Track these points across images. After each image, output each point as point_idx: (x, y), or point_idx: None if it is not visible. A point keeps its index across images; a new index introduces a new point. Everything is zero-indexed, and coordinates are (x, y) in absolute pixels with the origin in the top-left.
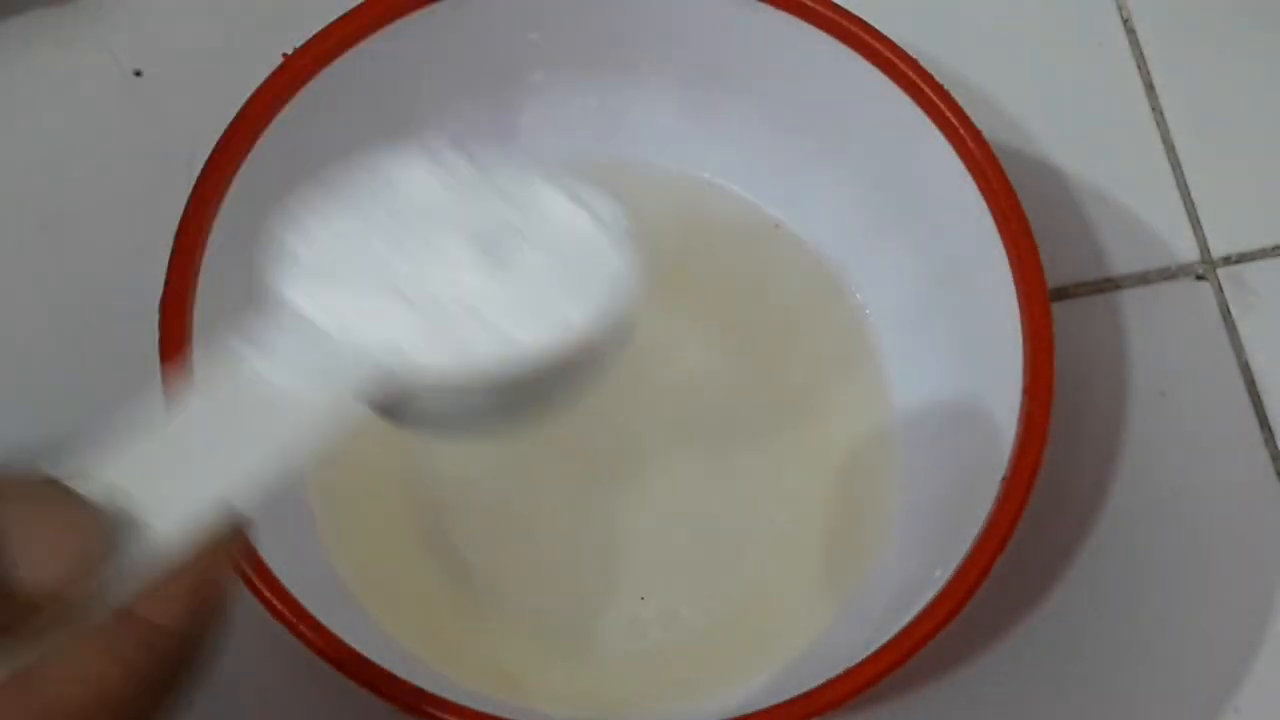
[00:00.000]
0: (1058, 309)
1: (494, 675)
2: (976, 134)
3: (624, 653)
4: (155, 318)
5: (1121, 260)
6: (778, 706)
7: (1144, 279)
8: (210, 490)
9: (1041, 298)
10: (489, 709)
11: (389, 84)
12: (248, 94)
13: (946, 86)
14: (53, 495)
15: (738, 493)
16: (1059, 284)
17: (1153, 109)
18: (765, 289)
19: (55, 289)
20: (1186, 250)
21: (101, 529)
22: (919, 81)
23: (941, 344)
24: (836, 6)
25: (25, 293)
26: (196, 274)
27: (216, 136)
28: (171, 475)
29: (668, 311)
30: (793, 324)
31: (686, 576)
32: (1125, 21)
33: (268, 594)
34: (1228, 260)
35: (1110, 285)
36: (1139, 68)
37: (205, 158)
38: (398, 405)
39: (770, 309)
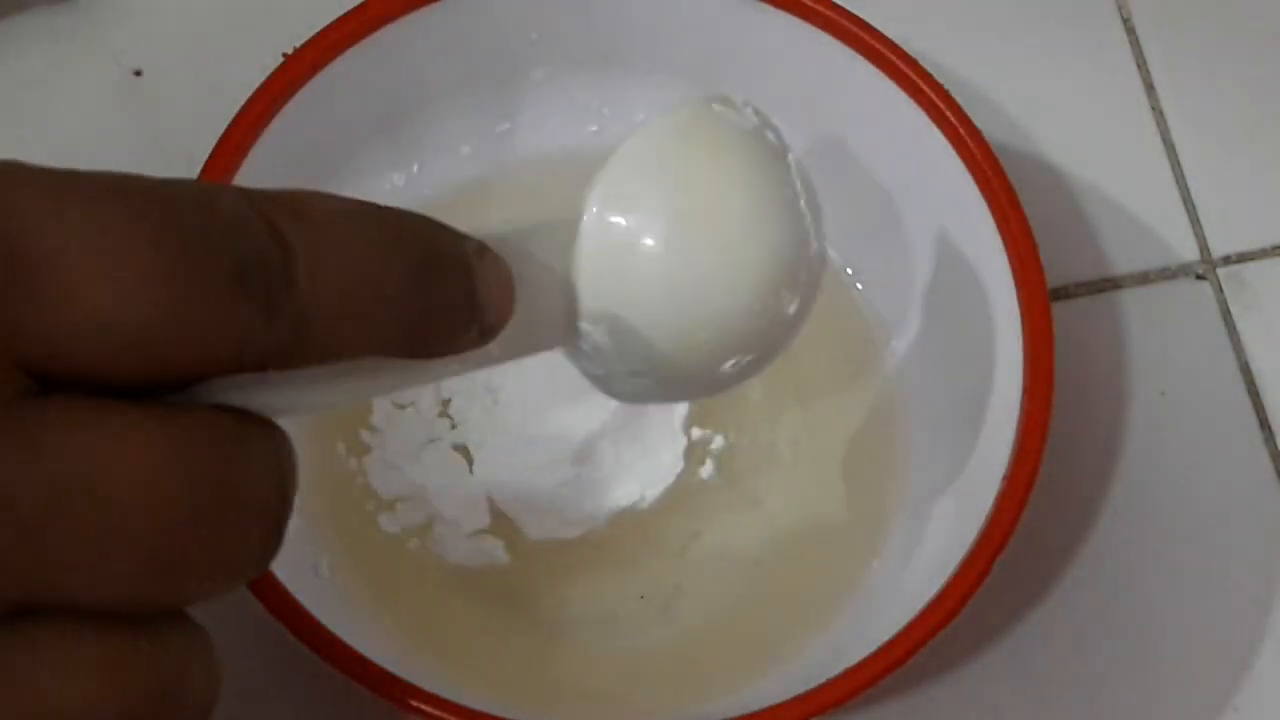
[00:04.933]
0: (1058, 309)
1: (493, 675)
2: (976, 134)
3: (623, 652)
4: None
5: (1121, 260)
6: (778, 706)
7: (1144, 279)
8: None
9: (1041, 298)
10: (488, 708)
11: (389, 84)
12: (248, 94)
13: (946, 86)
14: None
15: (730, 496)
16: (1059, 284)
17: (1153, 109)
18: None
19: None
20: (1186, 250)
21: None
22: (919, 81)
23: (941, 344)
24: (836, 6)
25: None
26: None
27: (216, 136)
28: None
29: None
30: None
31: (686, 575)
32: (1125, 21)
33: (266, 592)
34: (1228, 260)
35: (1110, 285)
36: (1139, 68)
37: (205, 158)
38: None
39: None
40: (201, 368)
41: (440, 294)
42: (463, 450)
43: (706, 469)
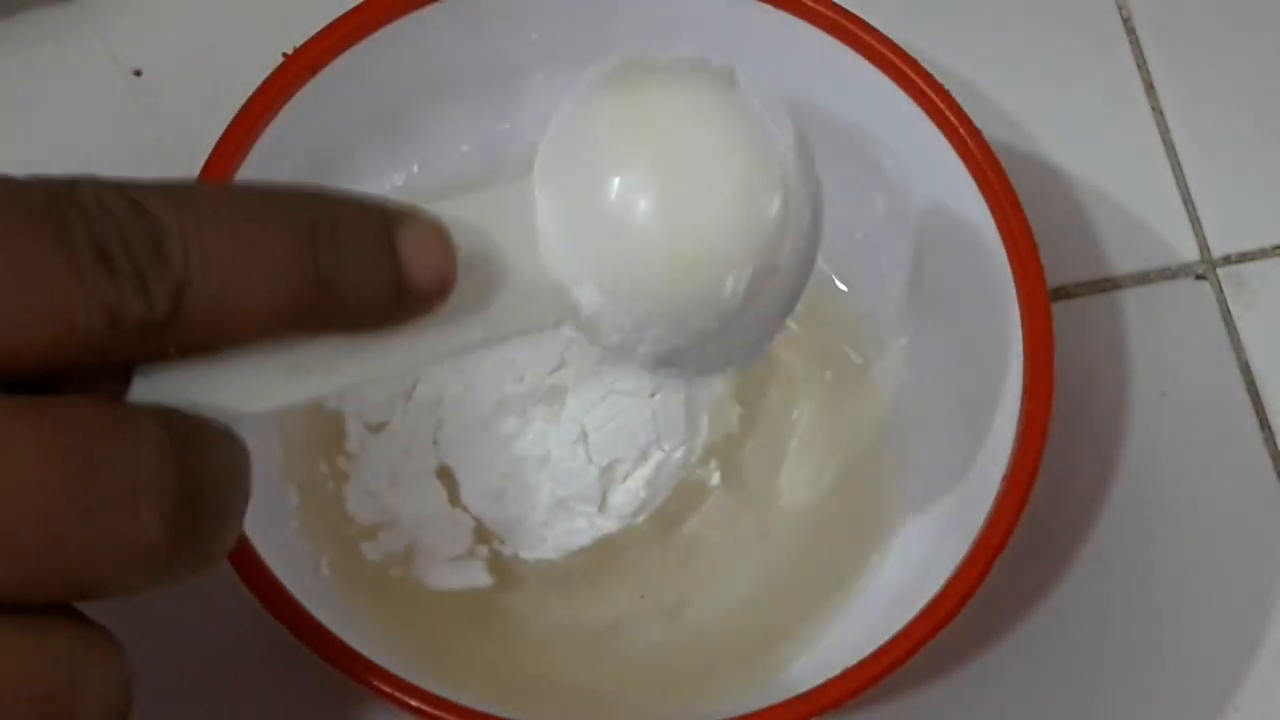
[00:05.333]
0: (1058, 309)
1: (493, 679)
2: (976, 134)
3: (624, 654)
4: None
5: (1121, 260)
6: (778, 706)
7: (1144, 279)
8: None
9: (1041, 298)
10: (488, 709)
11: (389, 84)
12: (248, 94)
13: (946, 86)
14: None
15: (737, 493)
16: (1059, 284)
17: (1153, 109)
18: None
19: None
20: (1186, 250)
21: None
22: (919, 81)
23: (941, 344)
24: (836, 6)
25: None
26: None
27: (216, 136)
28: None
29: None
30: (792, 322)
31: (686, 576)
32: (1125, 21)
33: (266, 592)
34: (1228, 260)
35: (1110, 285)
36: (1139, 68)
37: (205, 158)
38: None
39: None
40: (79, 346)
41: (342, 256)
42: (446, 472)
43: (709, 472)
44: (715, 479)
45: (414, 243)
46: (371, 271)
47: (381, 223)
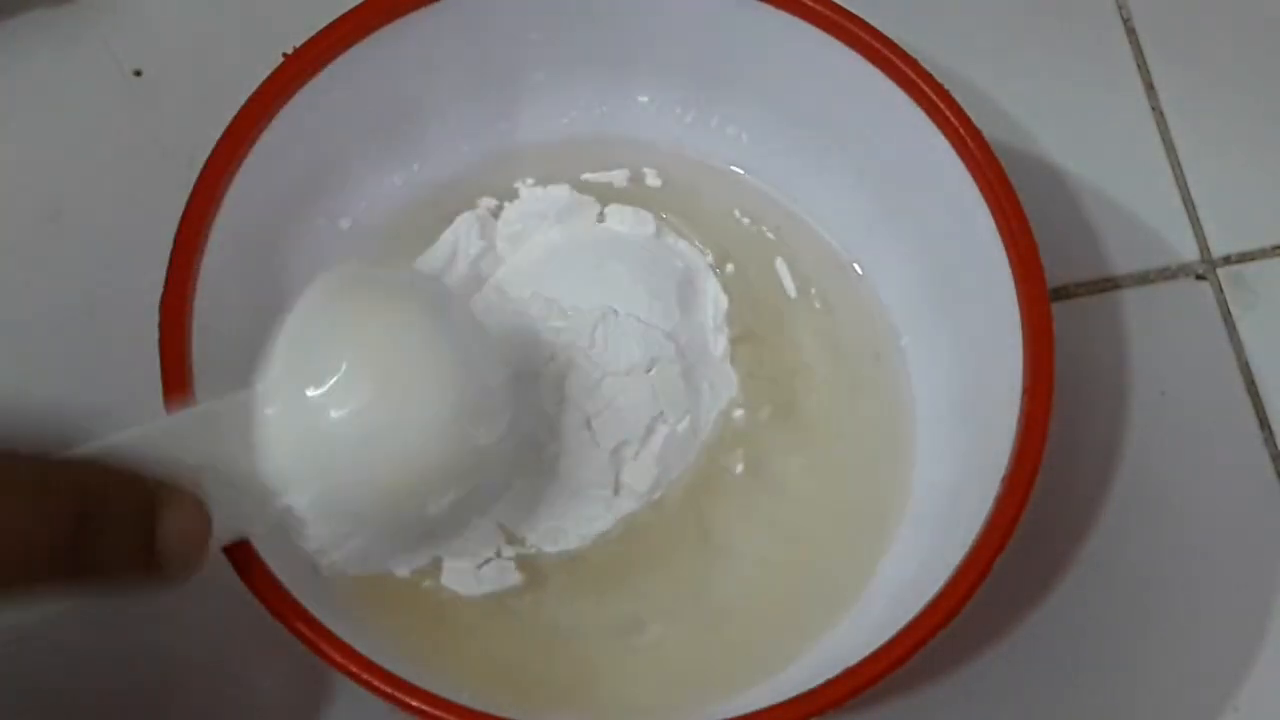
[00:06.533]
0: (1058, 309)
1: (493, 675)
2: (976, 134)
3: (623, 652)
4: (155, 317)
5: (1121, 260)
6: (778, 706)
7: (1144, 279)
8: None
9: (1041, 298)
10: (489, 708)
11: (389, 84)
12: (248, 94)
13: (946, 86)
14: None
15: (737, 492)
16: (1059, 284)
17: (1153, 109)
18: (765, 282)
19: (55, 288)
20: (1186, 250)
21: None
22: (919, 81)
23: (942, 344)
24: (836, 6)
25: (25, 292)
26: (196, 274)
27: (216, 136)
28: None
29: None
30: (792, 323)
31: (686, 576)
32: (1125, 21)
33: (266, 592)
34: (1228, 260)
35: (1110, 285)
36: (1139, 68)
37: (205, 157)
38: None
39: (768, 304)
40: None
41: (102, 546)
42: None
43: (734, 460)
44: (739, 469)
45: (173, 530)
46: (127, 560)
47: (146, 510)
